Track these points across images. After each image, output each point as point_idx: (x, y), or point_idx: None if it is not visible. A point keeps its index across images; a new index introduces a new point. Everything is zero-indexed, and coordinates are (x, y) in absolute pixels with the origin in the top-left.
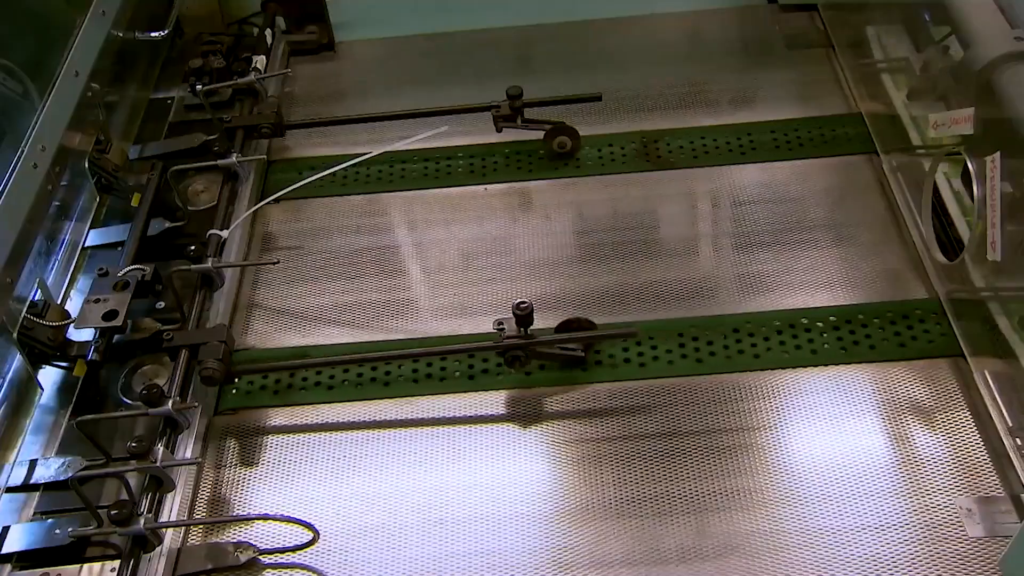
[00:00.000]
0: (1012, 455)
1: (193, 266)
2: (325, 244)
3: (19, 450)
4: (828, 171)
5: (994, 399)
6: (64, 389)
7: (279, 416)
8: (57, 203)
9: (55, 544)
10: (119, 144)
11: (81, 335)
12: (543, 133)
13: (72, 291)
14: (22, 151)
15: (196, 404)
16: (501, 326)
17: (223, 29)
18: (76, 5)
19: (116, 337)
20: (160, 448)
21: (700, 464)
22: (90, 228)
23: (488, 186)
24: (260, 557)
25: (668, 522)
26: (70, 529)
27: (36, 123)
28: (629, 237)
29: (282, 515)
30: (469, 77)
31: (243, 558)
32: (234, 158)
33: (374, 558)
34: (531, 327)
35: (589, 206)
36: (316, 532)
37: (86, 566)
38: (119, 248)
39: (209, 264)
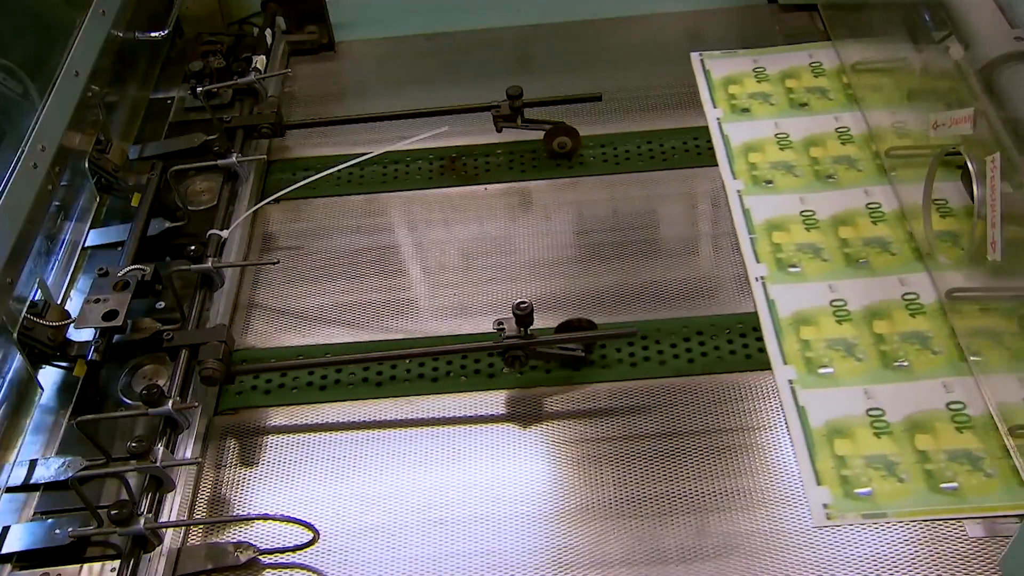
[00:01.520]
0: (1012, 455)
1: (193, 266)
2: (325, 244)
3: (19, 450)
4: None
5: (994, 399)
6: (64, 389)
7: (279, 416)
8: (57, 203)
9: (55, 544)
10: (119, 144)
11: (81, 335)
12: (543, 133)
13: (72, 291)
14: (22, 151)
15: (196, 404)
16: (501, 326)
17: (223, 29)
18: (76, 5)
19: (116, 337)
20: (160, 448)
21: (700, 464)
22: (90, 228)
23: (488, 186)
24: (260, 557)
25: (668, 522)
26: (70, 529)
27: (36, 123)
28: (629, 237)
29: (282, 515)
30: (469, 77)
31: (243, 558)
32: (234, 158)
33: (374, 558)
34: (531, 327)
35: (589, 206)
36: (316, 532)
37: (86, 566)
38: (119, 248)
39: (209, 264)
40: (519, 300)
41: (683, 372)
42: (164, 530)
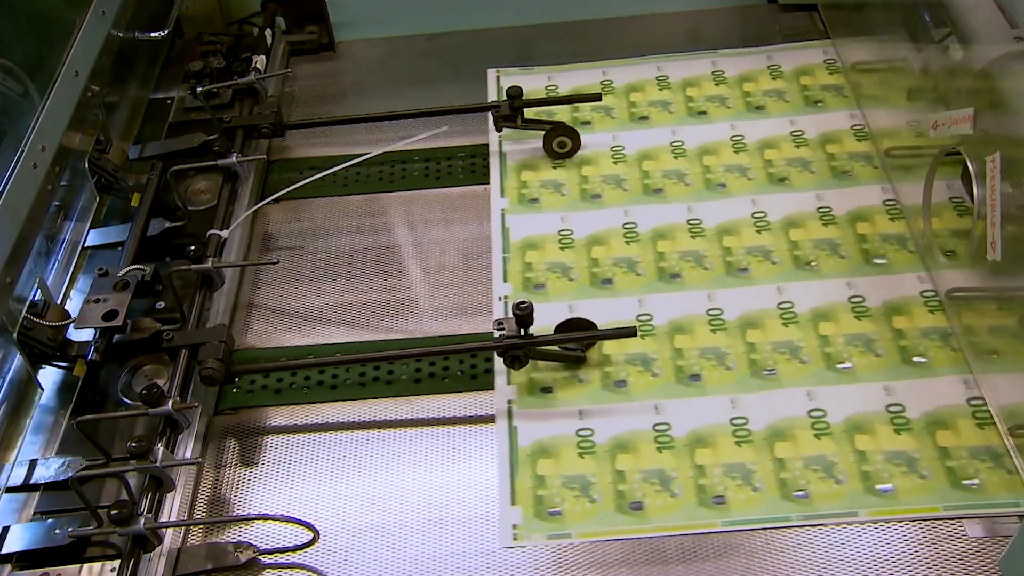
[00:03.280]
0: (1012, 455)
1: (193, 266)
2: (325, 244)
3: (19, 450)
4: None
5: (994, 399)
6: (64, 389)
7: (279, 416)
8: (57, 203)
9: (55, 544)
10: (119, 144)
11: (81, 335)
12: (543, 133)
13: (72, 291)
14: (22, 151)
15: (196, 404)
16: (501, 326)
17: (223, 29)
18: (76, 5)
19: (116, 337)
20: (160, 448)
21: None
22: (90, 228)
23: (488, 186)
24: (260, 557)
25: None
26: (70, 529)
27: (36, 123)
28: None
29: (282, 515)
30: (469, 77)
31: (243, 558)
32: (234, 158)
33: (374, 558)
34: (531, 327)
35: None
36: (316, 532)
37: (86, 566)
38: (119, 248)
39: (209, 264)
40: (519, 300)
41: None
42: (164, 530)
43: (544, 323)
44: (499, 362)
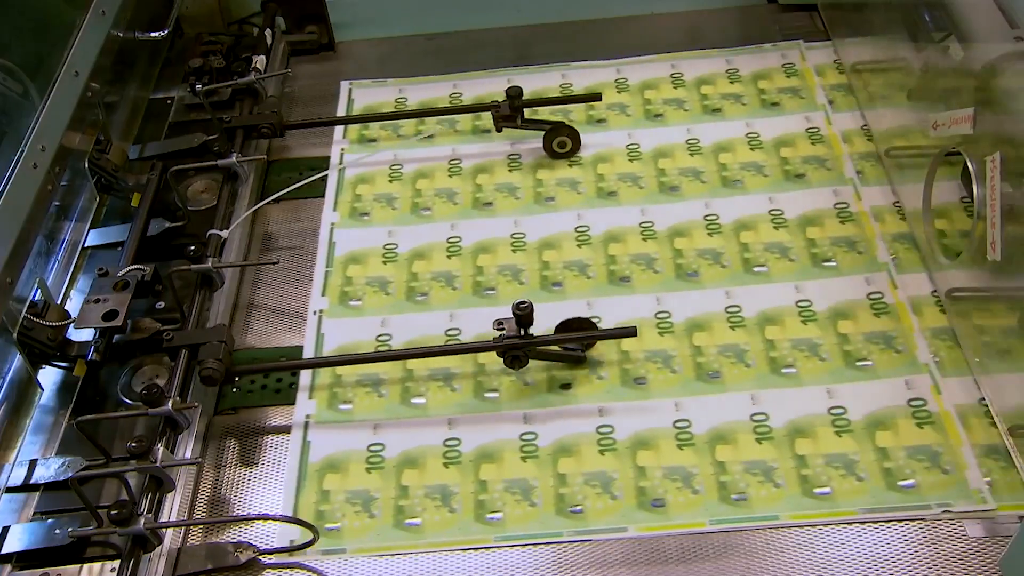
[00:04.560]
0: (1012, 455)
1: (193, 266)
2: None
3: (19, 450)
4: None
5: (995, 399)
6: (64, 389)
7: (279, 416)
8: (57, 203)
9: (55, 544)
10: (119, 144)
11: (81, 335)
12: (543, 133)
13: (72, 291)
14: (22, 151)
15: (196, 404)
16: (501, 326)
17: (223, 29)
18: (76, 5)
19: (116, 337)
20: (160, 448)
21: None
22: (90, 228)
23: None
24: (260, 557)
25: None
26: (70, 529)
27: (36, 123)
28: None
29: (282, 515)
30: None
31: (243, 558)
32: (234, 158)
33: (374, 558)
34: (531, 327)
35: None
36: (316, 532)
37: (86, 566)
38: (119, 248)
39: (209, 264)
40: (519, 300)
41: None
42: (164, 530)
43: (353, 340)
44: (304, 377)
